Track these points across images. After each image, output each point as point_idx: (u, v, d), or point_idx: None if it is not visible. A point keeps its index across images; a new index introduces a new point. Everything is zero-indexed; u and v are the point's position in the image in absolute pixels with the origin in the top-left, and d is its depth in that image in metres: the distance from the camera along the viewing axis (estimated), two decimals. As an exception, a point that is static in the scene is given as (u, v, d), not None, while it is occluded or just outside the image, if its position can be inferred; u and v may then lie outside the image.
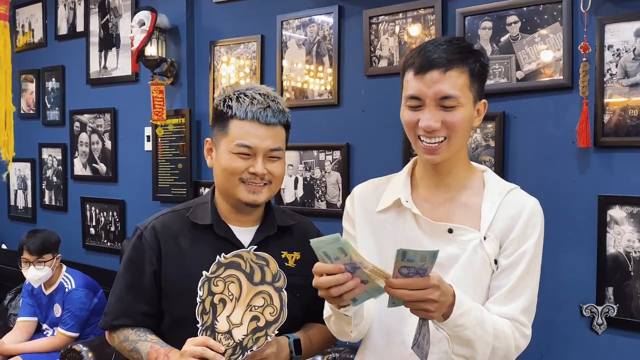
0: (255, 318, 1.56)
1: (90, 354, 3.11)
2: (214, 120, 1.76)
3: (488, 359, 1.40)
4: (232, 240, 1.73)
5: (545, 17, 2.41)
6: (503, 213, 1.49)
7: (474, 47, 1.53)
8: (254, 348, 1.56)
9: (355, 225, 1.64)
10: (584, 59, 2.29)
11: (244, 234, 1.76)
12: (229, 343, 1.55)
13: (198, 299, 1.55)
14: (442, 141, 1.45)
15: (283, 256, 1.75)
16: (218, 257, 1.56)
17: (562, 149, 2.40)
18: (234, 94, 1.70)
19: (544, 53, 2.42)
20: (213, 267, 1.56)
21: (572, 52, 2.35)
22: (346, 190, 3.00)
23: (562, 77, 2.38)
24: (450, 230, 1.48)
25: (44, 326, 3.70)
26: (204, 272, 1.56)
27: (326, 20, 3.09)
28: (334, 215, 3.02)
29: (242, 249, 1.60)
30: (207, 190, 3.56)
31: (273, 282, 1.57)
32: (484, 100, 1.52)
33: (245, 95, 1.69)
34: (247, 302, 1.56)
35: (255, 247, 1.62)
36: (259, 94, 1.70)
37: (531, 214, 1.49)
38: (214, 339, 1.55)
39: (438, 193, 1.55)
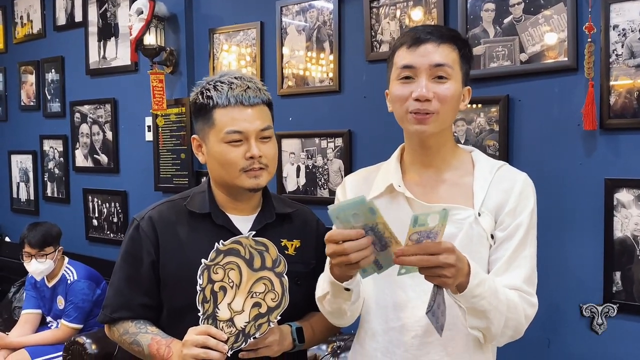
0: (256, 304, 1.55)
1: (93, 346, 3.10)
2: (195, 115, 1.73)
3: (501, 331, 1.41)
4: (231, 229, 1.70)
5: (549, -3, 2.37)
6: (495, 188, 1.52)
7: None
8: (257, 335, 1.55)
9: None
10: (589, 40, 2.24)
11: (243, 222, 1.73)
12: (231, 331, 1.54)
13: (198, 288, 1.53)
14: (431, 114, 1.47)
15: (283, 244, 1.73)
16: (217, 244, 1.55)
17: (567, 132, 2.35)
18: (210, 84, 1.68)
19: (548, 34, 2.37)
20: (212, 255, 1.54)
21: (577, 33, 2.30)
22: (349, 177, 2.96)
23: (566, 59, 2.33)
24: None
25: (48, 319, 3.70)
26: (203, 260, 1.54)
27: (326, 5, 3.04)
28: (337, 203, 2.98)
29: (241, 235, 1.58)
30: (209, 179, 3.57)
31: (273, 267, 1.56)
32: (468, 87, 1.58)
33: (222, 82, 1.66)
34: (248, 289, 1.55)
35: (254, 232, 1.61)
36: (235, 77, 1.68)
37: (524, 186, 1.52)
38: (216, 327, 1.54)
39: (428, 175, 1.57)
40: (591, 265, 2.31)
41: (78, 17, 4.34)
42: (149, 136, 3.87)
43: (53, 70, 4.57)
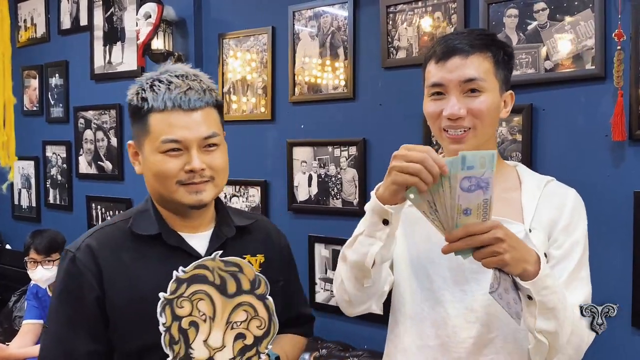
0: (240, 336, 1.35)
1: None
2: (131, 119, 1.48)
3: (565, 344, 1.33)
4: (186, 249, 1.46)
5: (576, 3, 2.28)
6: (546, 204, 1.44)
7: (497, 36, 1.50)
8: None
9: None
10: (619, 48, 2.16)
11: (198, 240, 1.49)
12: None
13: (161, 328, 1.30)
14: (467, 130, 1.40)
15: (246, 260, 1.47)
16: (175, 272, 1.32)
17: (594, 143, 2.27)
18: (147, 83, 1.43)
19: (575, 41, 2.29)
20: (172, 286, 1.32)
21: (605, 40, 2.22)
22: (363, 187, 2.87)
23: (594, 67, 2.24)
24: None
25: (50, 329, 3.60)
26: (162, 294, 1.31)
27: (340, 9, 2.96)
28: (351, 214, 2.91)
29: (206, 258, 1.36)
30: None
31: (253, 289, 1.36)
32: (510, 91, 1.48)
33: (160, 82, 1.41)
34: (226, 320, 1.35)
35: (221, 252, 1.39)
36: (176, 76, 1.43)
37: (576, 202, 1.47)
38: None
39: None
40: (619, 282, 2.22)
41: (83, 21, 4.27)
42: (155, 143, 3.78)
43: (57, 74, 4.50)
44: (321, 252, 3.04)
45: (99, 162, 4.20)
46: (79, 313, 1.40)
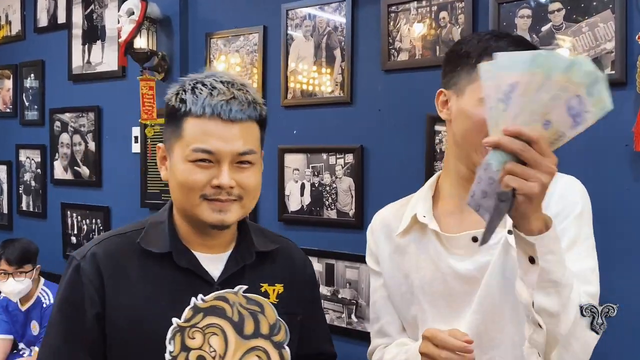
0: None
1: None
2: (166, 120, 1.38)
3: (568, 339, 1.17)
4: (198, 272, 1.34)
5: (594, 3, 2.14)
6: None
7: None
8: None
9: (379, 260, 1.48)
10: (642, 51, 2.03)
11: (213, 263, 1.37)
12: None
13: (167, 356, 1.24)
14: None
15: (263, 290, 1.39)
16: (194, 299, 1.26)
17: (613, 153, 2.13)
18: (189, 84, 1.32)
19: (593, 44, 2.15)
20: (187, 313, 1.26)
21: (626, 43, 2.08)
22: (360, 197, 2.70)
23: (614, 72, 2.10)
24: (474, 239, 1.29)
25: (21, 345, 3.43)
26: (175, 320, 1.25)
27: (338, 8, 2.80)
28: (346, 225, 2.75)
29: (228, 290, 1.29)
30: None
31: (271, 335, 1.29)
32: None
33: (203, 85, 1.30)
34: None
35: (246, 287, 1.31)
36: (221, 82, 1.31)
37: (565, 188, 1.29)
38: None
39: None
40: (638, 300, 2.08)
41: (61, 19, 4.09)
42: (136, 148, 3.60)
43: (32, 75, 4.31)
44: (314, 266, 2.85)
45: (75, 168, 4.00)
46: (78, 327, 1.31)
